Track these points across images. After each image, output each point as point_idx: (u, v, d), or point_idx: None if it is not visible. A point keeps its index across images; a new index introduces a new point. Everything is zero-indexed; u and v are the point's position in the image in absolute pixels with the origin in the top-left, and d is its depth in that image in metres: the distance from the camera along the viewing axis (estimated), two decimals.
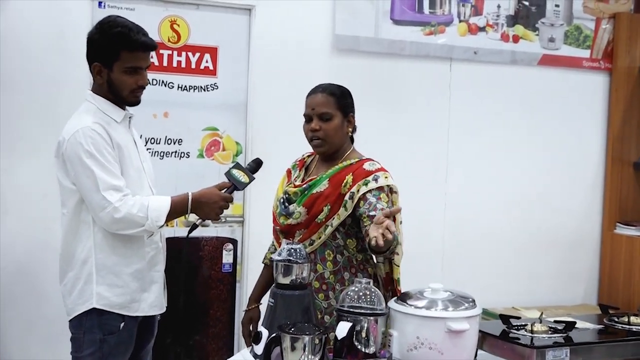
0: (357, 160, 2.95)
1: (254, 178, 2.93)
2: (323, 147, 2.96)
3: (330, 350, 2.30)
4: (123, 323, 2.82)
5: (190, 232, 2.92)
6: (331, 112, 2.92)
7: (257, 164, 2.98)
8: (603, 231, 5.51)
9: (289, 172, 3.18)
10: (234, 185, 2.90)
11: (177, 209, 2.83)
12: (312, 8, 4.66)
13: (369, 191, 2.82)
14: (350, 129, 3.00)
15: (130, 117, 2.97)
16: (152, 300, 2.91)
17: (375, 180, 2.84)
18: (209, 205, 2.85)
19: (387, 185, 2.87)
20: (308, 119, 2.97)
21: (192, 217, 2.91)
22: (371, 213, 2.76)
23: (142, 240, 2.85)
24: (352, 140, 3.08)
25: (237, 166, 2.94)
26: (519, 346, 3.18)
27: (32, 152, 4.09)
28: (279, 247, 3.01)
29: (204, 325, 4.49)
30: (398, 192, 2.92)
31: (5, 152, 4.08)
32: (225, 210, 2.91)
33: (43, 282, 4.11)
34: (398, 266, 2.88)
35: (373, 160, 2.96)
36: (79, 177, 2.73)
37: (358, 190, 2.83)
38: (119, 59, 2.81)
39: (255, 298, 3.21)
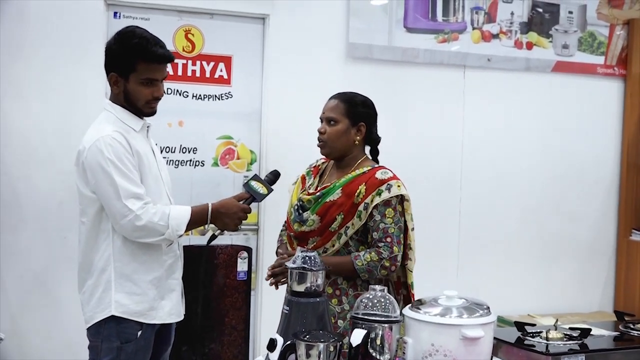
0: (369, 168, 2.98)
1: (272, 190, 2.96)
2: (324, 150, 3.04)
3: (344, 356, 2.31)
4: (140, 331, 2.83)
5: (209, 242, 2.97)
6: (337, 118, 2.99)
7: (275, 176, 3.00)
8: (619, 238, 5.49)
9: (303, 179, 3.20)
10: (252, 197, 2.93)
11: (197, 219, 2.86)
12: (326, 17, 4.67)
13: (376, 206, 2.87)
14: (359, 138, 3.02)
15: (148, 127, 2.99)
16: (170, 308, 2.92)
17: (388, 189, 2.88)
18: (228, 216, 2.88)
19: (398, 196, 2.90)
20: (320, 121, 3.05)
21: (211, 226, 2.94)
22: (374, 235, 2.91)
23: (160, 248, 2.86)
24: (375, 151, 3.13)
25: (256, 178, 2.97)
26: (534, 353, 3.16)
27: (49, 160, 4.13)
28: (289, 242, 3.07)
29: (220, 333, 4.50)
30: (410, 199, 2.95)
31: (22, 160, 4.12)
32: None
33: (60, 290, 4.14)
34: (411, 271, 2.96)
35: (385, 168, 2.98)
36: (100, 185, 2.75)
37: (372, 201, 2.88)
38: (135, 70, 2.83)
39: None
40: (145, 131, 2.97)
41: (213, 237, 2.94)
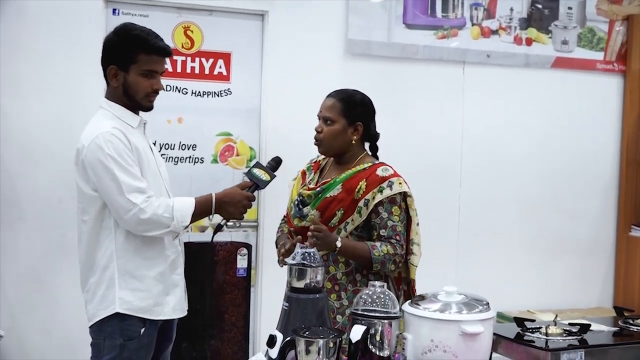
0: (370, 165, 2.98)
1: (275, 176, 2.96)
2: (321, 148, 3.05)
3: (343, 350, 2.31)
4: (143, 328, 2.83)
5: (215, 233, 2.96)
6: (333, 118, 2.99)
7: (277, 162, 3.01)
8: (618, 233, 5.49)
9: (303, 174, 3.21)
10: (256, 184, 2.93)
11: (202, 210, 2.86)
12: (325, 13, 4.67)
13: (381, 203, 2.87)
14: (356, 137, 3.02)
15: (145, 123, 2.99)
16: (174, 304, 2.92)
17: (390, 187, 2.89)
18: (233, 205, 2.88)
19: (401, 193, 2.91)
20: (318, 119, 3.05)
21: (216, 219, 2.94)
22: (381, 232, 2.91)
23: (163, 243, 2.87)
24: (374, 147, 3.14)
25: (258, 165, 2.98)
26: (534, 349, 3.17)
27: (48, 157, 4.13)
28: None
29: (219, 330, 4.50)
30: (412, 196, 2.96)
31: (21, 157, 4.12)
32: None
33: (59, 287, 4.14)
34: (415, 266, 2.96)
35: (386, 165, 2.98)
36: (102, 181, 2.75)
37: (373, 198, 2.89)
38: (136, 62, 2.83)
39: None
40: (142, 128, 2.97)
41: (219, 227, 2.94)
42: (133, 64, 2.83)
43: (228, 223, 2.96)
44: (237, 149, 4.56)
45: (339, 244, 2.82)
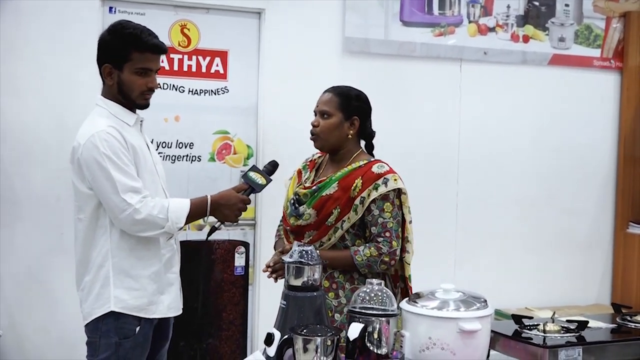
0: (365, 162, 2.98)
1: (271, 180, 2.97)
2: (317, 142, 3.05)
3: (342, 349, 2.31)
4: (139, 327, 2.83)
5: (209, 234, 2.97)
6: (330, 111, 3.00)
7: (273, 166, 3.02)
8: (615, 231, 5.49)
9: (299, 173, 3.21)
10: (251, 188, 2.93)
11: (197, 211, 2.86)
12: (322, 11, 4.66)
13: (373, 201, 2.87)
14: (352, 132, 3.02)
15: (141, 121, 2.99)
16: (169, 302, 2.92)
17: (385, 183, 2.89)
18: (228, 207, 2.88)
19: (395, 189, 2.91)
20: (314, 114, 3.06)
21: (211, 220, 2.94)
22: (372, 229, 2.91)
23: (158, 243, 2.86)
24: (370, 146, 3.13)
25: (254, 169, 2.98)
26: (532, 346, 3.17)
27: (46, 156, 4.12)
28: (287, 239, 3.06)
29: (218, 329, 4.50)
30: (407, 193, 2.96)
31: (19, 156, 4.11)
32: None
33: (57, 286, 4.13)
34: (409, 264, 2.97)
35: (381, 162, 2.99)
36: (97, 180, 2.74)
37: (369, 195, 2.89)
38: (129, 60, 2.82)
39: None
40: (138, 125, 2.96)
41: (213, 229, 2.95)
42: (127, 62, 2.83)
43: (222, 225, 2.97)
44: (234, 147, 4.55)
45: None
